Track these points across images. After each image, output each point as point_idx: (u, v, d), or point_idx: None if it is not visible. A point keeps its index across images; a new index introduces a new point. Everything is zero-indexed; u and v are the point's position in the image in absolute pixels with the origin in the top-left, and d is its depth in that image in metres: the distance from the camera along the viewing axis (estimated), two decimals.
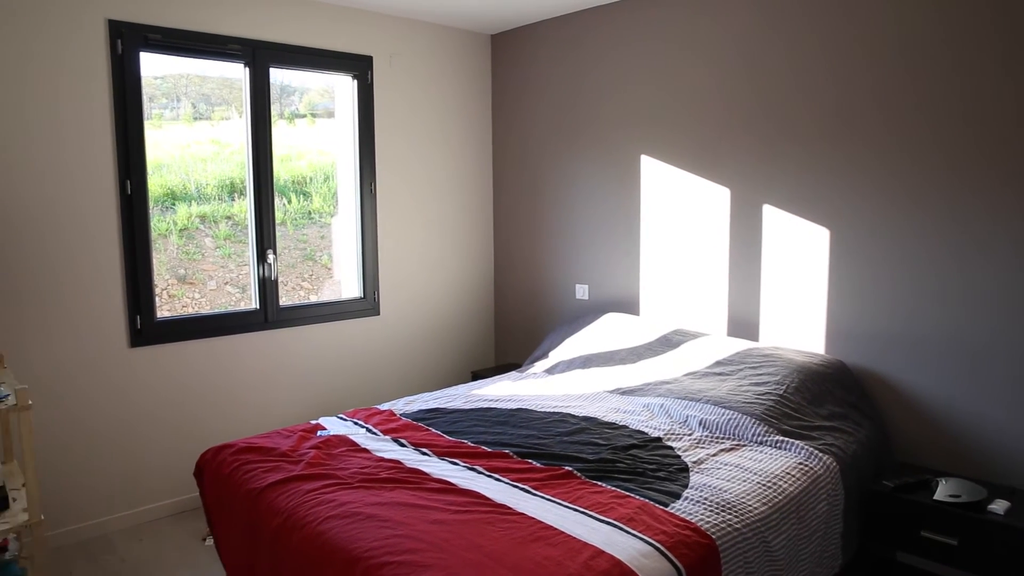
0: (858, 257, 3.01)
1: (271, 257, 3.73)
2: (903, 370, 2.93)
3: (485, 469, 2.41)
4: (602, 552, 1.85)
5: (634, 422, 2.85)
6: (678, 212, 3.67)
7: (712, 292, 3.56)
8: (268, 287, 3.74)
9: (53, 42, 3.00)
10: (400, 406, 3.15)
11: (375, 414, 3.01)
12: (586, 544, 1.89)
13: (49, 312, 3.08)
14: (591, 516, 2.06)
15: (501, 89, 4.59)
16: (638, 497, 2.19)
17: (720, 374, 3.09)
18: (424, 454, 2.57)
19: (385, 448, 2.63)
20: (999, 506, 2.43)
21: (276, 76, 3.75)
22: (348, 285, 4.28)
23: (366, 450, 2.60)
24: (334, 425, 2.89)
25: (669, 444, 2.65)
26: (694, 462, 2.49)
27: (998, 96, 2.59)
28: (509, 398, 3.21)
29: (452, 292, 4.59)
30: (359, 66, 4.00)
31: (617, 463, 2.46)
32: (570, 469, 2.39)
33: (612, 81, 3.90)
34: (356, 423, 2.91)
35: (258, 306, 3.74)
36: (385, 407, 3.13)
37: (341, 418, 2.98)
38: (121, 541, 3.21)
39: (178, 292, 4.18)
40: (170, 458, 3.47)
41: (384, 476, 2.34)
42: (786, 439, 2.63)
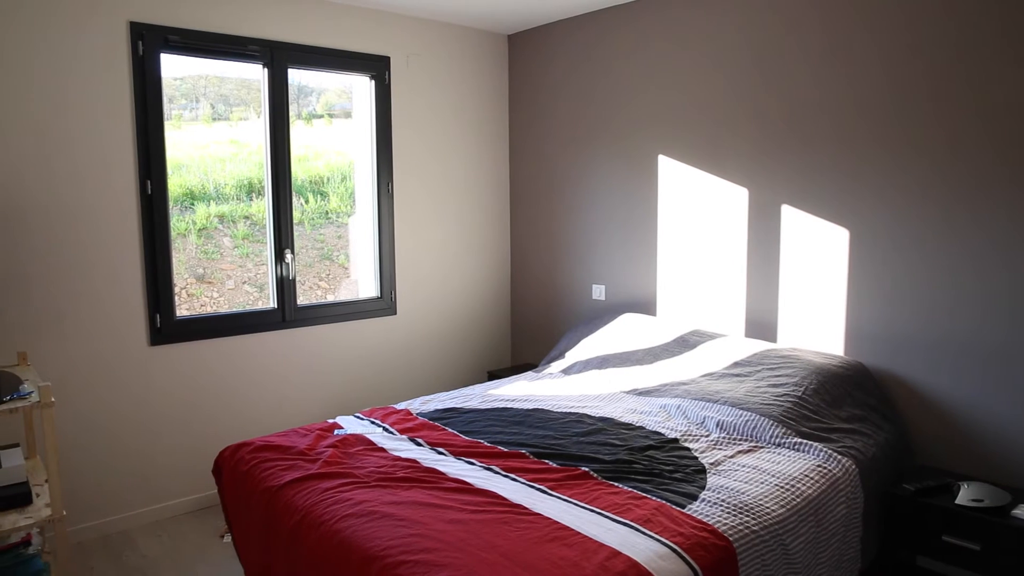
0: (878, 257, 2.98)
1: (289, 257, 3.76)
2: (924, 372, 2.89)
3: (501, 469, 2.41)
4: (618, 553, 1.84)
5: (651, 423, 2.84)
6: (696, 212, 3.65)
7: (730, 293, 3.54)
8: (286, 286, 3.77)
9: (76, 45, 3.04)
10: (416, 405, 3.15)
11: (392, 413, 3.02)
12: (602, 545, 1.88)
13: (72, 311, 3.12)
14: (607, 517, 2.06)
15: (518, 89, 4.59)
16: (655, 498, 2.18)
17: (738, 375, 3.07)
18: (440, 453, 2.58)
19: (402, 447, 2.64)
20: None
21: (294, 77, 3.78)
22: (365, 285, 4.30)
23: (383, 449, 2.61)
24: (351, 424, 2.90)
25: (686, 445, 2.63)
26: (711, 464, 2.47)
27: (1016, 96, 2.55)
28: (525, 398, 3.21)
29: (469, 292, 4.59)
30: (377, 66, 4.02)
31: (634, 464, 2.45)
32: (586, 470, 2.38)
33: (629, 81, 3.89)
34: (373, 422, 2.92)
35: (276, 305, 3.77)
36: (402, 406, 3.14)
37: (358, 417, 2.99)
38: (141, 537, 3.24)
39: (197, 291, 4.22)
40: (189, 455, 3.50)
41: (401, 475, 2.35)
42: (804, 441, 2.60)
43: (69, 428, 3.15)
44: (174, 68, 3.60)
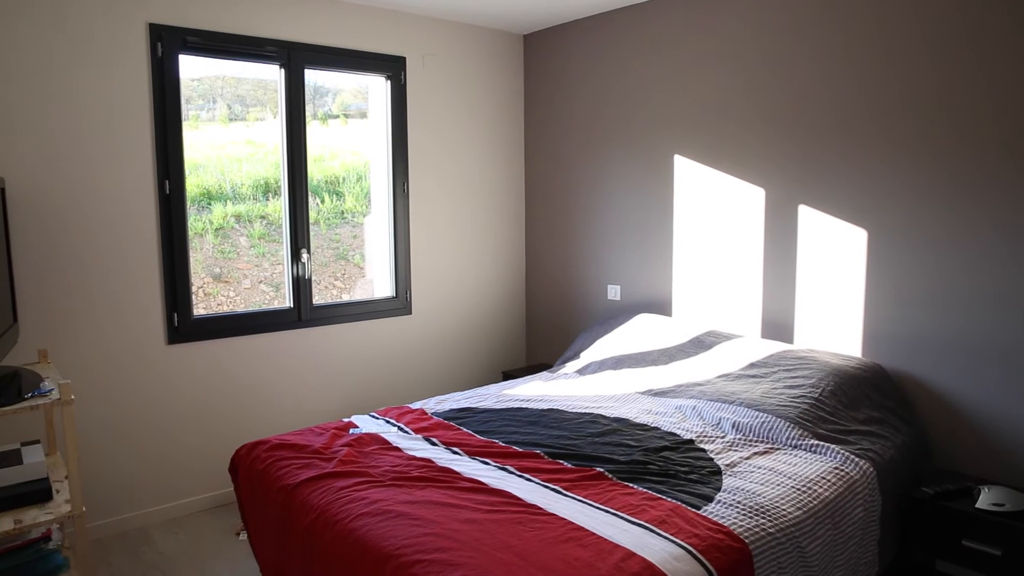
0: (897, 258, 2.95)
1: (305, 256, 3.78)
2: (943, 374, 2.86)
3: (516, 469, 2.41)
4: (633, 554, 1.84)
5: (666, 424, 2.83)
6: (712, 212, 3.63)
7: (746, 293, 3.52)
8: (302, 286, 3.79)
9: (97, 46, 3.08)
10: (431, 405, 3.16)
11: (407, 413, 3.03)
12: (617, 546, 1.88)
13: (91, 310, 3.15)
14: (622, 518, 2.05)
15: (533, 89, 4.59)
16: (670, 499, 2.17)
17: (754, 376, 3.05)
18: (455, 453, 2.58)
19: (417, 447, 2.64)
20: None
21: (309, 77, 3.80)
22: (380, 284, 4.32)
23: (398, 448, 2.62)
24: (366, 423, 2.91)
25: (701, 446, 2.62)
26: (727, 465, 2.46)
27: None
28: (540, 398, 3.20)
29: (484, 292, 4.60)
30: (393, 67, 4.03)
31: (649, 465, 2.44)
32: (601, 470, 2.38)
33: (645, 80, 3.87)
34: (388, 421, 2.93)
35: (292, 305, 3.79)
36: (416, 406, 3.14)
37: (373, 416, 3.00)
38: (158, 534, 3.27)
39: (214, 290, 4.25)
40: (206, 453, 3.53)
41: (416, 474, 2.35)
42: (821, 443, 2.58)
43: (88, 425, 3.18)
44: (191, 69, 3.64)
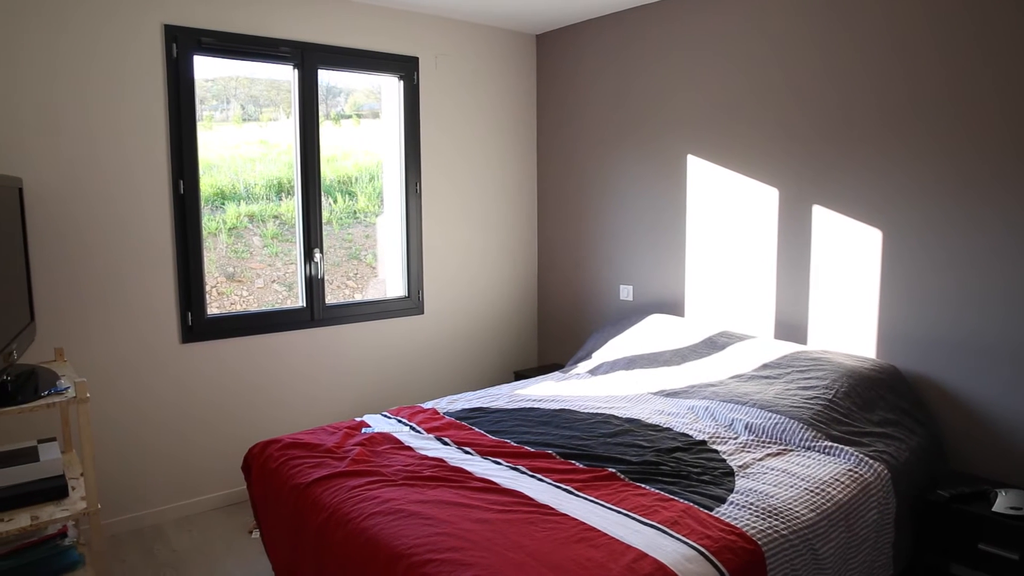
0: (912, 259, 2.93)
1: (317, 256, 3.79)
2: (959, 376, 2.83)
3: (528, 469, 2.41)
4: (645, 555, 1.83)
5: (678, 424, 2.82)
6: (725, 212, 3.61)
7: (759, 294, 3.50)
8: (314, 285, 3.80)
9: (113, 47, 3.10)
10: (443, 405, 3.16)
11: (419, 412, 3.03)
12: (629, 547, 1.87)
13: (106, 309, 3.18)
14: (634, 518, 2.05)
15: (546, 89, 4.58)
16: (682, 500, 2.16)
17: (767, 377, 3.03)
18: (467, 453, 2.58)
19: (429, 446, 2.65)
20: None
21: (322, 78, 3.81)
22: (392, 284, 4.33)
23: (410, 448, 2.63)
24: (378, 422, 2.92)
25: (714, 447, 2.61)
26: (740, 466, 2.44)
27: None
28: (552, 398, 3.20)
29: (496, 292, 4.60)
30: (405, 67, 4.04)
31: (661, 465, 2.43)
32: (613, 471, 2.37)
33: (658, 80, 3.86)
34: (400, 421, 2.94)
35: (304, 304, 3.80)
36: (428, 405, 3.15)
37: (385, 415, 3.01)
38: (172, 531, 3.30)
39: (227, 290, 4.28)
40: (219, 452, 3.55)
41: (428, 474, 2.36)
42: (835, 445, 2.57)
43: (104, 423, 3.21)
44: (205, 70, 3.66)
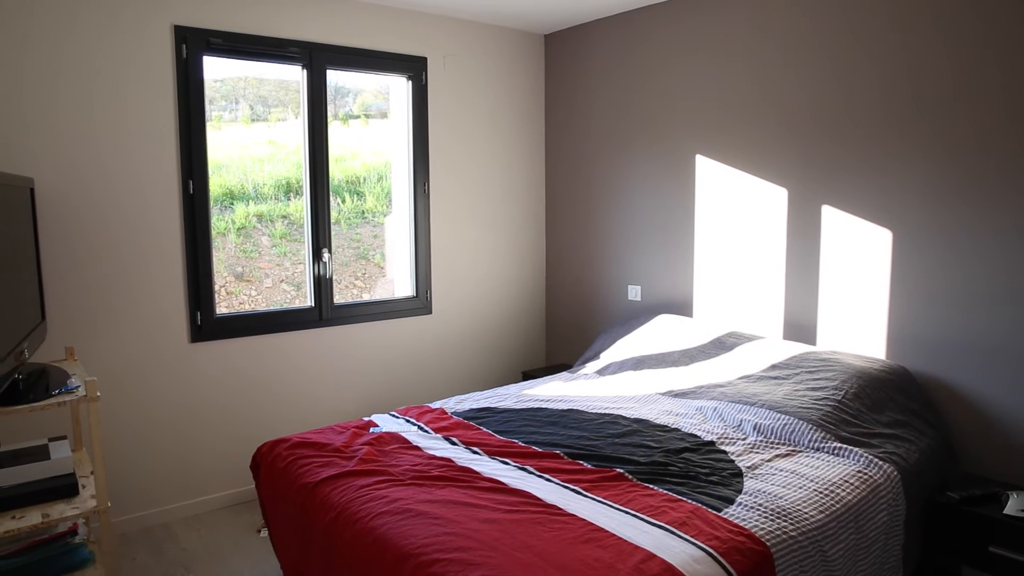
0: (922, 260, 2.91)
1: (326, 256, 3.80)
2: (971, 377, 2.81)
3: (536, 469, 2.41)
4: (653, 556, 1.83)
5: (687, 425, 2.81)
6: (733, 212, 3.60)
7: (768, 294, 3.49)
8: (323, 285, 3.81)
9: (123, 48, 3.12)
10: (451, 405, 3.17)
11: (427, 412, 3.03)
12: (637, 547, 1.87)
13: (116, 308, 3.20)
14: (642, 519, 2.04)
15: (554, 89, 4.58)
16: (690, 501, 2.16)
17: (775, 378, 3.02)
18: (475, 453, 2.58)
19: (436, 446, 2.65)
20: None
21: (331, 78, 3.82)
22: (400, 284, 4.33)
23: (418, 447, 2.63)
24: (386, 422, 2.92)
25: (722, 448, 2.60)
26: (748, 467, 2.44)
27: None
28: (560, 399, 3.20)
29: (504, 292, 4.60)
30: (414, 67, 4.04)
31: (669, 466, 2.42)
32: (621, 471, 2.37)
33: (666, 80, 3.85)
34: (408, 420, 2.94)
35: (313, 304, 3.81)
36: (436, 405, 3.15)
37: (393, 415, 3.01)
38: (181, 530, 3.31)
39: (236, 289, 4.29)
40: (228, 451, 3.57)
41: (435, 474, 2.36)
42: (844, 446, 2.55)
43: (113, 422, 3.23)
44: (214, 70, 3.67)
